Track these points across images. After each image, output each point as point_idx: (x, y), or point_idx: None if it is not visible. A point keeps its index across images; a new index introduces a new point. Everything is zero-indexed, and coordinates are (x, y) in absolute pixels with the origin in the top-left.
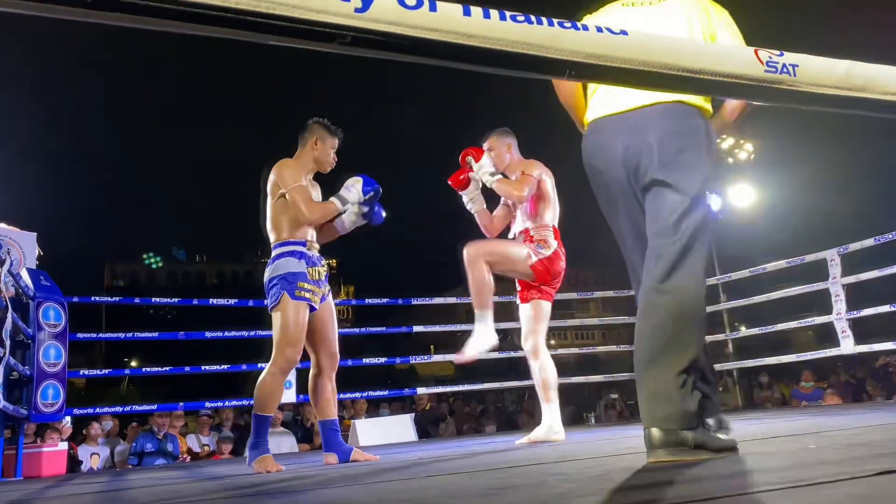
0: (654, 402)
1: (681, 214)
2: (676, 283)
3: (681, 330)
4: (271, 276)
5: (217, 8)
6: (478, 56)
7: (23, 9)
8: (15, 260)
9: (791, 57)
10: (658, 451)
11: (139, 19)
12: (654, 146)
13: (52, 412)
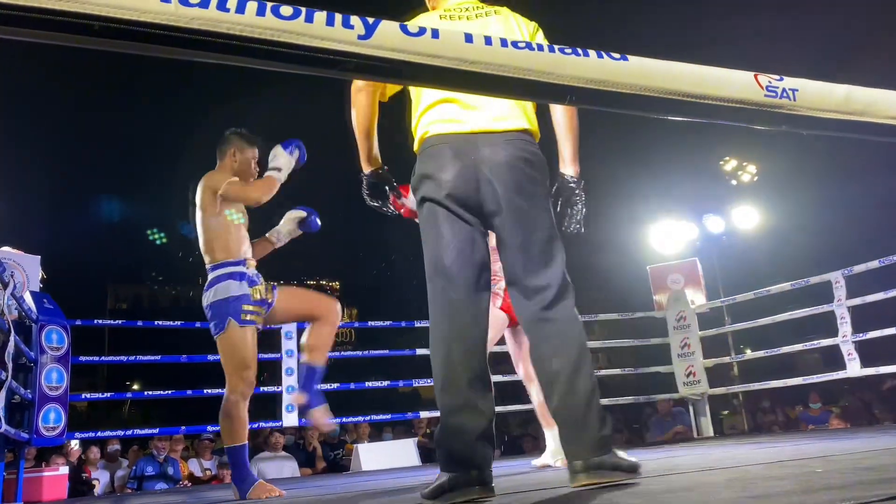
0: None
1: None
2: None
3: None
4: (213, 301)
5: (224, 36)
6: (480, 82)
7: (31, 37)
8: (18, 283)
9: (791, 81)
10: (579, 476)
11: (148, 47)
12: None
13: (53, 436)
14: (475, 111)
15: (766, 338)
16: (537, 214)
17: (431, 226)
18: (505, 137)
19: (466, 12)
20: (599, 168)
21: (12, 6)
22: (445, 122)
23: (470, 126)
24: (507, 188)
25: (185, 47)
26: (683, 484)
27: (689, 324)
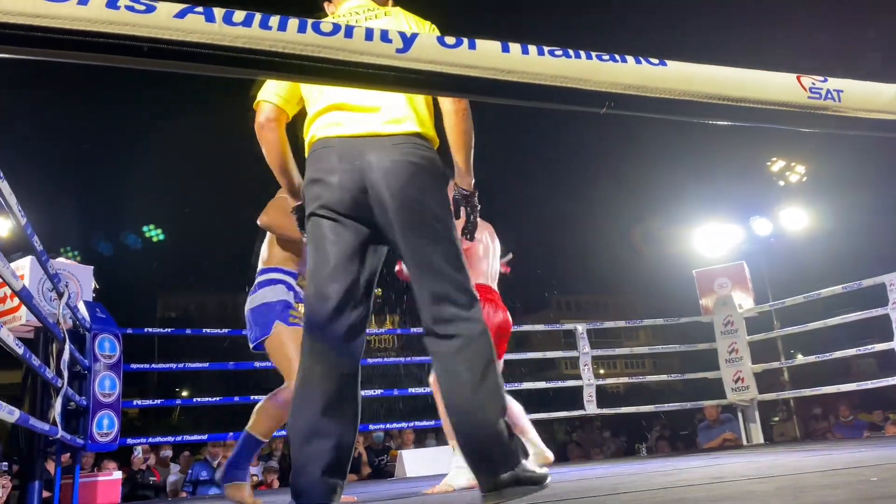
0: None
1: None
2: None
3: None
4: (261, 304)
5: (267, 53)
6: (516, 91)
7: (85, 60)
8: (73, 293)
9: (835, 82)
10: (490, 495)
11: (195, 66)
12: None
13: (107, 442)
14: (364, 114)
15: (818, 342)
16: (428, 224)
17: (313, 236)
18: (394, 141)
19: (356, 16)
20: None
21: (67, 31)
22: (332, 125)
23: (356, 129)
24: (394, 195)
25: (231, 65)
26: (731, 492)
27: (736, 328)
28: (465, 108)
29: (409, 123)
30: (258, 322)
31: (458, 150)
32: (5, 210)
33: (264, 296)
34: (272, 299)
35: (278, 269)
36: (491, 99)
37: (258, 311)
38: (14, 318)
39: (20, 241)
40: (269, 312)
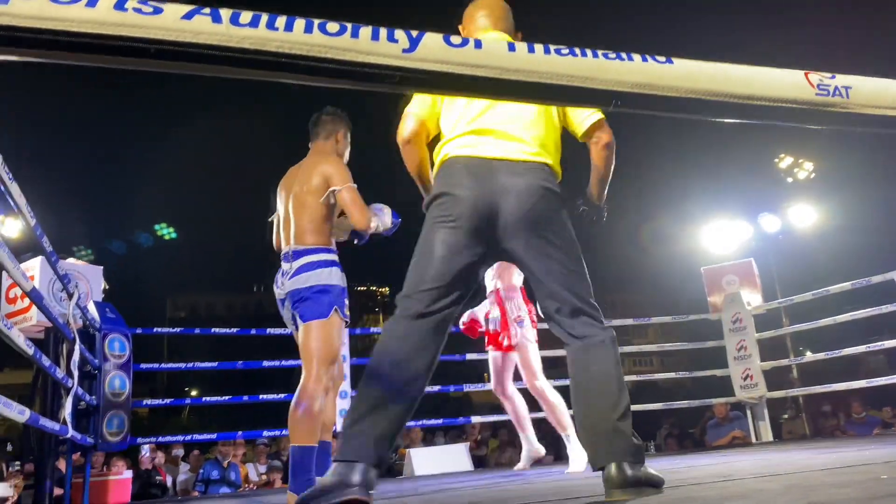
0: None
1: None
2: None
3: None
4: (327, 284)
5: (274, 54)
6: (523, 90)
7: (92, 62)
8: (83, 293)
9: (843, 79)
10: (616, 492)
11: (202, 68)
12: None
13: (117, 441)
14: (501, 140)
15: (827, 339)
16: (556, 241)
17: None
18: (526, 167)
19: None
20: (649, 168)
21: (75, 33)
22: (468, 146)
23: (492, 153)
24: (528, 218)
25: (238, 66)
26: (740, 490)
27: (745, 326)
28: (612, 143)
29: (542, 155)
30: (316, 300)
31: (599, 180)
32: (15, 211)
33: (324, 276)
34: (333, 282)
35: (330, 250)
36: (498, 98)
37: (316, 290)
38: (25, 319)
39: (30, 242)
40: (329, 295)
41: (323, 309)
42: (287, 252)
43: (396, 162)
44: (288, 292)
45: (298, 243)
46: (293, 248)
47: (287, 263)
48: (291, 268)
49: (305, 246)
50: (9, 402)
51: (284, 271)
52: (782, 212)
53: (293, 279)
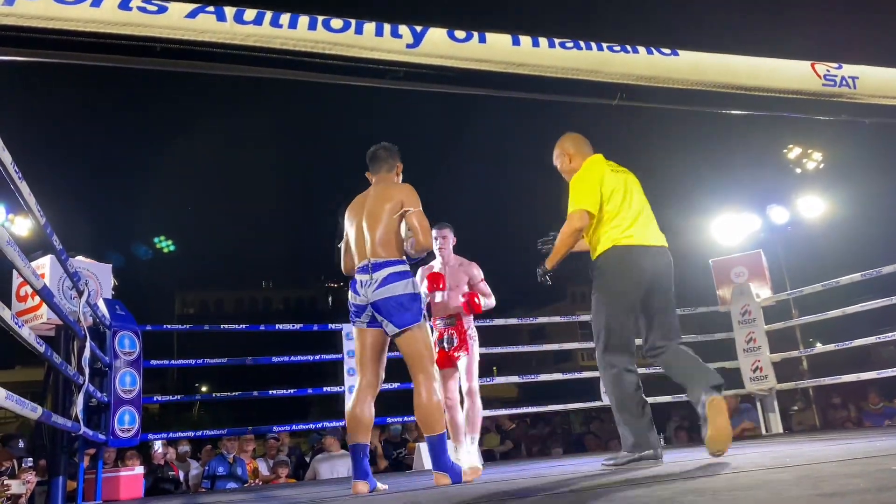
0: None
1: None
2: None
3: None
4: (413, 293)
5: (278, 52)
6: (528, 84)
7: (98, 61)
8: (92, 291)
9: (850, 69)
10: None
11: (207, 66)
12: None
13: (128, 437)
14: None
15: (837, 331)
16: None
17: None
18: (665, 249)
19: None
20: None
21: (81, 33)
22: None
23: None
24: (667, 288)
25: (243, 64)
26: (751, 482)
27: (754, 318)
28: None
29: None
30: (409, 308)
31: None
32: (25, 210)
33: (410, 286)
34: (416, 291)
35: (404, 262)
36: (502, 93)
37: (408, 298)
38: (36, 317)
39: (40, 241)
40: (417, 302)
41: (416, 315)
42: (365, 265)
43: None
44: (373, 302)
45: (375, 256)
46: (371, 260)
47: (366, 275)
48: (373, 279)
49: (384, 258)
50: (22, 399)
51: (364, 282)
52: (791, 203)
53: (380, 289)
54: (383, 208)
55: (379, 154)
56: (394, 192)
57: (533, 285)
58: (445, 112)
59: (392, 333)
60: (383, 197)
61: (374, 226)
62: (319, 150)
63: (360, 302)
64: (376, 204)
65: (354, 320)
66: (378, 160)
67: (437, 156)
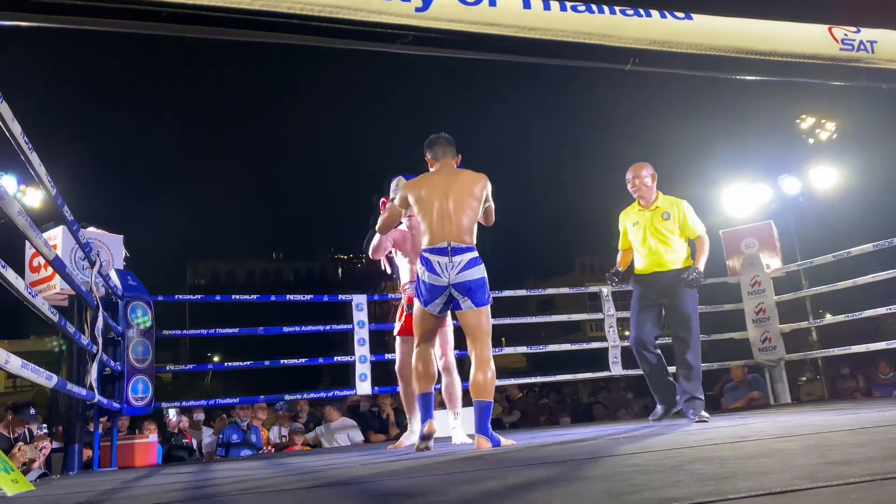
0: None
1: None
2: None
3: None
4: (485, 277)
5: (286, 16)
6: (539, 49)
7: (104, 26)
8: (104, 261)
9: (869, 33)
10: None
11: (215, 30)
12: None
13: (142, 405)
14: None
15: (847, 302)
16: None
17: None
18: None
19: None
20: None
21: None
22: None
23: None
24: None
25: (250, 28)
26: (759, 450)
27: (764, 289)
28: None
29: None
30: (483, 291)
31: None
32: (36, 181)
33: (483, 271)
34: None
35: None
36: (513, 58)
37: (483, 282)
38: (49, 287)
39: (51, 212)
40: (487, 286)
41: (488, 297)
42: (444, 247)
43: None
44: (455, 283)
45: (459, 241)
46: (453, 244)
47: (444, 257)
48: (454, 261)
49: (465, 244)
50: (37, 368)
51: (443, 263)
52: (803, 173)
53: (464, 272)
54: (471, 198)
55: (442, 141)
56: (479, 182)
57: (541, 257)
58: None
59: (467, 309)
60: (469, 186)
61: (460, 212)
62: (331, 125)
63: (440, 283)
64: (462, 192)
65: (430, 301)
66: (443, 146)
67: (447, 122)
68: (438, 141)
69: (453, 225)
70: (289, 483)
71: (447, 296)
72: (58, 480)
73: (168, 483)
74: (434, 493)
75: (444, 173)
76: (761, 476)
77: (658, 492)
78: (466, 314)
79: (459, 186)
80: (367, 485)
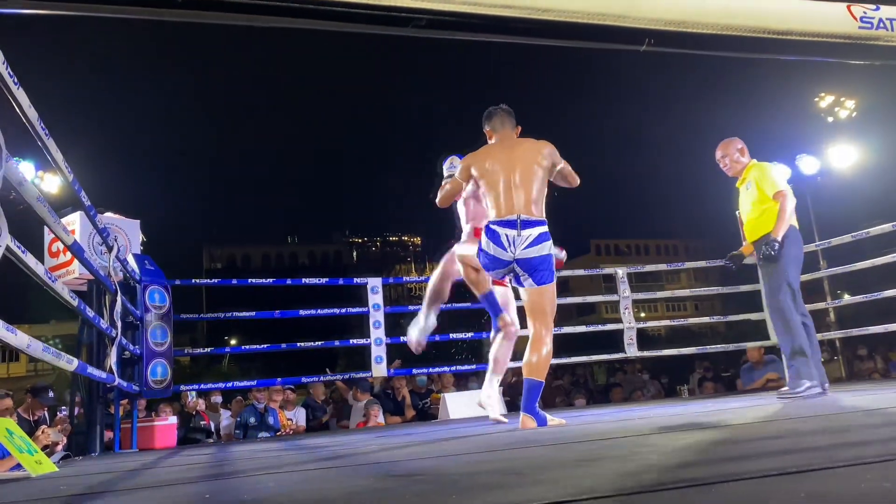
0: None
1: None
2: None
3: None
4: (551, 254)
5: (299, 0)
6: (554, 30)
7: (120, 13)
8: (122, 246)
9: (889, 10)
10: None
11: (229, 16)
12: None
13: (161, 388)
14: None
15: (866, 282)
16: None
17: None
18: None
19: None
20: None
21: None
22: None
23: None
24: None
25: (264, 14)
26: (774, 431)
27: None
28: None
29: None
30: (547, 269)
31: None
32: (53, 167)
33: (550, 247)
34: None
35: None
36: (528, 40)
37: (549, 259)
38: (68, 272)
39: (69, 197)
40: (552, 263)
41: (552, 275)
42: (513, 219)
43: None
44: (520, 259)
45: (527, 213)
46: (522, 216)
47: (513, 230)
48: (523, 235)
49: (534, 217)
50: (58, 352)
51: (510, 237)
52: (822, 152)
53: (532, 248)
54: (538, 166)
55: (501, 112)
56: (543, 150)
57: (555, 239)
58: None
59: (529, 287)
60: (534, 155)
61: (527, 183)
62: (343, 108)
63: (505, 258)
64: (528, 161)
65: (489, 270)
66: (502, 117)
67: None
68: (498, 112)
69: (521, 196)
70: (319, 464)
71: (509, 270)
72: (80, 462)
73: (189, 464)
74: (433, 473)
75: (507, 144)
76: (776, 456)
77: (673, 472)
78: (527, 291)
79: (524, 156)
80: (384, 465)
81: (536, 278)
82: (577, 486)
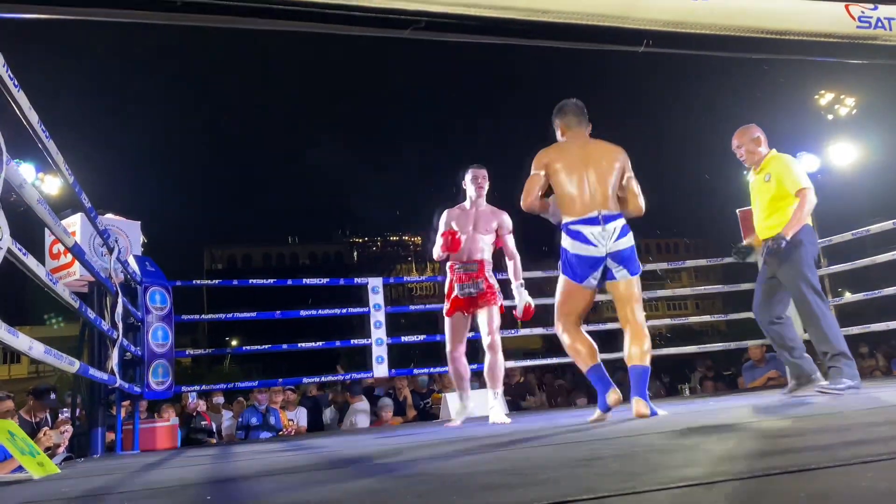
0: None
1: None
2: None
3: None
4: (634, 245)
5: (299, 3)
6: (552, 32)
7: (123, 17)
8: (123, 248)
9: (887, 10)
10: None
11: (228, 20)
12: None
13: (162, 390)
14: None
15: (866, 280)
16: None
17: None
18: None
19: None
20: (684, 109)
21: None
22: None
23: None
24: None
25: (264, 17)
26: (776, 429)
27: None
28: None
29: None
30: (636, 259)
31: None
32: (54, 169)
33: (633, 238)
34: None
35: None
36: (526, 41)
37: (635, 251)
38: (69, 274)
39: (69, 199)
40: (636, 254)
41: (639, 265)
42: (594, 216)
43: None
44: (613, 252)
45: (606, 209)
46: (602, 212)
47: (597, 226)
48: (608, 229)
49: (613, 211)
50: (59, 353)
51: (597, 234)
52: (822, 150)
53: (620, 240)
54: (613, 166)
55: (575, 109)
56: (617, 153)
57: (556, 239)
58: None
59: (622, 279)
60: (609, 155)
61: (604, 180)
62: (344, 108)
63: (597, 254)
64: (603, 161)
65: (585, 276)
66: (576, 114)
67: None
68: (571, 108)
69: (600, 193)
70: (314, 465)
71: (603, 268)
72: (82, 463)
73: (191, 465)
74: (433, 474)
75: (581, 143)
76: (778, 455)
77: (673, 471)
78: (620, 284)
79: (599, 156)
80: (384, 465)
81: (631, 269)
82: (577, 486)
